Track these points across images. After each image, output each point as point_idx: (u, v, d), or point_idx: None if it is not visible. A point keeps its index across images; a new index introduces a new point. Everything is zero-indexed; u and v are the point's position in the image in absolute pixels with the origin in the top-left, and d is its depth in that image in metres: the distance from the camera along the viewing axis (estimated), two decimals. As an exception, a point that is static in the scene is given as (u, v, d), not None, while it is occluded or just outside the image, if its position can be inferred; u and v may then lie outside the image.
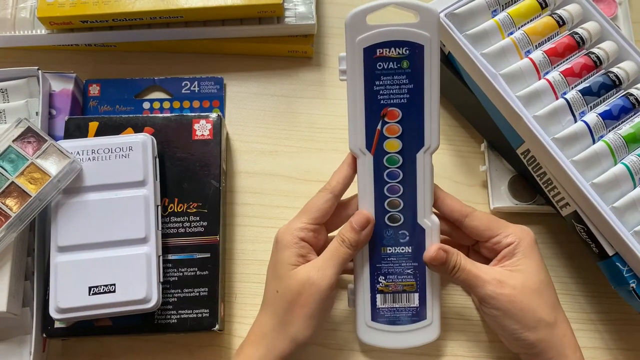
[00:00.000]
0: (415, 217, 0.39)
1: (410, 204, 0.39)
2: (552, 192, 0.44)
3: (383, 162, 0.39)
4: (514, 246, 0.40)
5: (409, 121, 0.38)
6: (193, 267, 0.45)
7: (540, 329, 0.38)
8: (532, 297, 0.38)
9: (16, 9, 0.53)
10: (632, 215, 0.41)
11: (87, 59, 0.55)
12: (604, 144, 0.42)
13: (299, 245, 0.39)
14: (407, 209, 0.39)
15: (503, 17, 0.46)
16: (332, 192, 0.40)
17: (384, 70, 0.37)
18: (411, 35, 0.37)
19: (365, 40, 0.37)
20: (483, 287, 0.38)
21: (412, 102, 0.38)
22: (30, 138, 0.43)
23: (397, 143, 0.38)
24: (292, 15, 0.53)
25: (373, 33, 0.37)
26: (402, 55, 0.37)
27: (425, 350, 0.46)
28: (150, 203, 0.43)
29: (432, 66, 0.37)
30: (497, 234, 0.40)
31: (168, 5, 0.50)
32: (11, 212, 0.41)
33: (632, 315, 0.47)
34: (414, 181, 0.39)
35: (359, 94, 0.38)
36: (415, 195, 0.39)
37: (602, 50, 0.45)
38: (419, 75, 0.37)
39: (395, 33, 0.36)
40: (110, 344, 0.46)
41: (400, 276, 0.40)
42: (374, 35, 0.37)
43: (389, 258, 0.40)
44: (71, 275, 0.42)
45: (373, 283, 0.41)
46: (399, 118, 0.38)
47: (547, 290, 0.39)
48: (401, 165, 0.39)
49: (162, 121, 0.48)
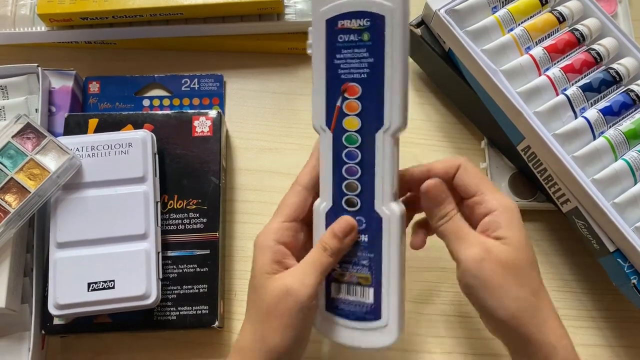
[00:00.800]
0: (373, 203, 0.36)
1: (368, 189, 0.36)
2: (553, 188, 0.44)
3: (342, 141, 0.36)
4: (497, 214, 0.36)
5: (368, 98, 0.35)
6: (193, 264, 0.45)
7: (517, 309, 0.34)
8: (509, 275, 0.34)
9: (16, 6, 0.53)
10: (633, 211, 0.40)
11: (86, 56, 0.55)
12: (604, 140, 0.42)
13: (274, 250, 0.36)
14: (365, 193, 0.36)
15: (503, 14, 0.46)
16: (301, 184, 0.37)
17: (345, 42, 0.35)
18: (372, 6, 0.34)
19: (328, 12, 0.35)
20: (469, 247, 0.35)
21: (372, 78, 0.35)
22: (29, 134, 0.43)
23: (357, 121, 0.35)
24: (292, 12, 0.53)
25: (336, 4, 0.34)
26: (362, 26, 0.34)
27: (425, 348, 0.46)
28: (150, 199, 0.43)
29: (394, 39, 0.34)
30: (482, 193, 0.36)
31: (168, 2, 0.50)
32: (10, 208, 0.41)
33: (633, 312, 0.47)
34: (372, 164, 0.35)
35: (321, 68, 0.35)
36: (374, 179, 0.35)
37: (602, 46, 0.45)
38: (380, 48, 0.34)
39: (356, 3, 0.34)
40: (110, 341, 0.46)
41: (355, 266, 0.37)
42: (337, 6, 0.34)
43: None
44: (70, 271, 0.41)
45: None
46: (358, 94, 0.35)
47: (533, 271, 0.35)
48: (360, 146, 0.35)
49: (162, 118, 0.48)
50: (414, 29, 0.49)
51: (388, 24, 0.34)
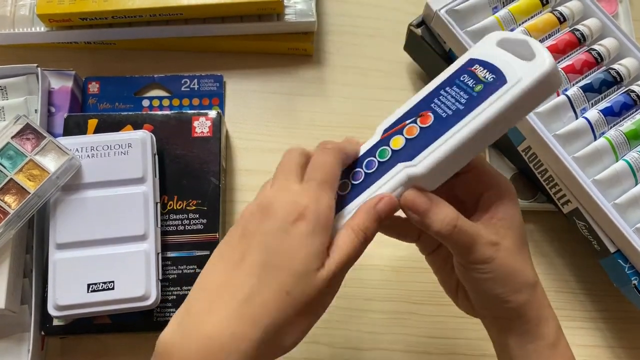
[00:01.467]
0: (342, 214, 0.33)
1: (351, 198, 0.34)
2: (554, 189, 0.44)
3: (376, 149, 0.34)
4: (495, 193, 0.34)
5: (426, 134, 0.33)
6: (192, 265, 0.44)
7: (525, 291, 0.33)
8: (519, 258, 0.33)
9: (15, 6, 0.53)
10: (634, 212, 0.40)
11: (86, 56, 0.55)
12: (605, 141, 0.42)
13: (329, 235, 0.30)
14: (346, 200, 0.34)
15: (504, 14, 0.45)
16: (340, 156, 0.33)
17: (461, 82, 0.34)
18: (506, 66, 0.32)
19: (475, 53, 0.34)
20: (480, 249, 0.32)
21: (445, 121, 0.33)
22: (29, 135, 0.43)
23: (401, 143, 0.34)
24: (292, 12, 0.53)
25: (486, 51, 0.34)
26: (484, 79, 0.33)
27: (426, 349, 0.46)
28: (150, 200, 0.43)
29: (492, 104, 0.31)
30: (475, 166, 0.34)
31: (168, 3, 0.50)
32: (10, 208, 0.41)
33: (634, 313, 0.47)
34: (373, 182, 0.34)
35: (429, 88, 0.35)
36: (359, 194, 0.33)
37: (603, 47, 0.45)
38: (475, 103, 0.32)
39: (496, 57, 0.33)
40: (109, 342, 0.46)
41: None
42: (483, 53, 0.34)
43: None
44: (70, 272, 0.41)
45: None
46: (425, 125, 0.34)
47: (526, 247, 0.34)
48: (381, 162, 0.34)
49: (162, 118, 0.48)
50: (415, 29, 0.49)
51: (502, 89, 0.32)
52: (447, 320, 0.47)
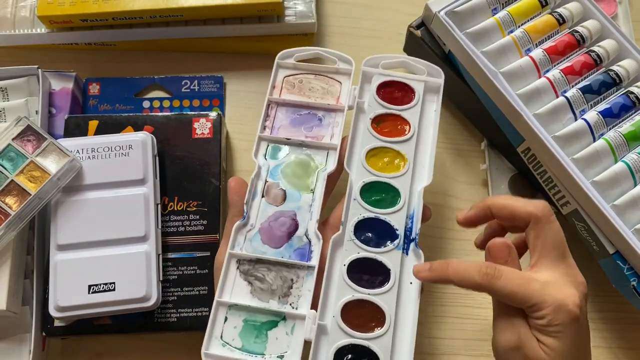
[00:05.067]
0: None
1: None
2: (553, 190, 0.44)
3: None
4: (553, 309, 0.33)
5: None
6: (193, 266, 0.45)
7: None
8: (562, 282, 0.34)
9: (16, 7, 0.53)
10: (633, 213, 0.41)
11: (87, 57, 0.55)
12: (604, 142, 0.42)
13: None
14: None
15: (503, 16, 0.46)
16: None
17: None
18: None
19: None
20: (507, 329, 0.34)
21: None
22: (30, 136, 0.43)
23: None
24: (292, 14, 0.53)
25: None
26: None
27: (426, 349, 0.46)
28: (150, 201, 0.43)
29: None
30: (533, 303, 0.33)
31: (168, 4, 0.50)
32: (11, 210, 0.41)
33: (633, 313, 0.47)
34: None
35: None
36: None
37: (603, 48, 0.45)
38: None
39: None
40: (110, 343, 0.46)
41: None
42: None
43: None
44: (71, 273, 0.41)
45: None
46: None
47: (566, 262, 0.35)
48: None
49: (162, 120, 0.48)
50: (414, 30, 0.49)
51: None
52: (447, 320, 0.47)
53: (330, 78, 0.46)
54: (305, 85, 0.46)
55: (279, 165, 0.43)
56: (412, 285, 0.38)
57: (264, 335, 0.37)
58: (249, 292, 0.38)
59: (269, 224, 0.40)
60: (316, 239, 0.39)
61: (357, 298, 0.37)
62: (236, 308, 0.38)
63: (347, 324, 0.36)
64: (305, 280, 0.38)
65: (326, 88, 0.46)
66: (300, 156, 0.43)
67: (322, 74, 0.46)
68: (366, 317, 0.37)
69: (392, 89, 0.45)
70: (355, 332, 0.36)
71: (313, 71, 0.46)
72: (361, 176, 0.41)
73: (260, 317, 0.37)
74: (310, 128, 0.44)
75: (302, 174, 0.42)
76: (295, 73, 0.46)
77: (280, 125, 0.44)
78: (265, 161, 0.43)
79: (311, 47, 0.47)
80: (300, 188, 0.42)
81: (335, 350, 0.36)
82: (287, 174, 0.42)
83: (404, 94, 0.44)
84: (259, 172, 0.42)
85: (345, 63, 0.46)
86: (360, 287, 0.37)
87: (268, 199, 0.41)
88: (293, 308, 0.37)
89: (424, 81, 0.45)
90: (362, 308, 0.37)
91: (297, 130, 0.44)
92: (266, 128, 0.44)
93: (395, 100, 0.44)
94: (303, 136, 0.44)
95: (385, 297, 0.37)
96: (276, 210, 0.41)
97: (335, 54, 0.46)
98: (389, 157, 0.42)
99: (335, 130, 0.44)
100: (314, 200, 0.41)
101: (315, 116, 0.45)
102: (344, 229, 0.39)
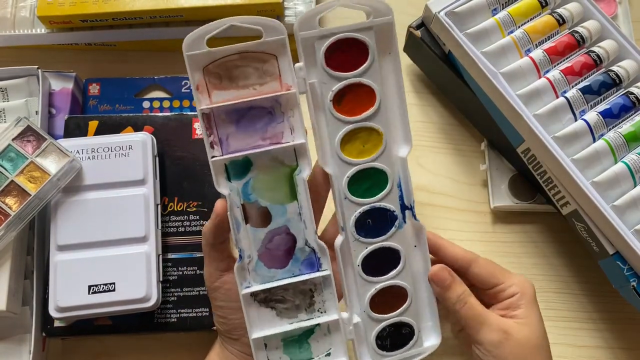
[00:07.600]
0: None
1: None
2: (553, 190, 0.44)
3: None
4: (518, 297, 0.39)
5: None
6: (193, 266, 0.45)
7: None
8: (534, 353, 0.38)
9: (16, 8, 0.53)
10: (633, 214, 0.41)
11: (86, 58, 0.55)
12: (604, 143, 0.42)
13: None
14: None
15: (503, 16, 0.46)
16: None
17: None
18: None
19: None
20: (488, 332, 0.37)
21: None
22: (29, 137, 0.43)
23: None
24: (292, 14, 0.53)
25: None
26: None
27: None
28: (150, 202, 0.43)
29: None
30: (501, 282, 0.39)
31: (168, 4, 0.50)
32: (11, 210, 0.41)
33: (633, 314, 0.47)
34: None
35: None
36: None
37: (602, 49, 0.45)
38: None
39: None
40: (110, 343, 0.46)
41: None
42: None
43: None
44: (71, 274, 0.41)
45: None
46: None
47: (546, 346, 0.39)
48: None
49: (162, 120, 0.48)
50: (414, 30, 0.49)
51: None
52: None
53: (260, 53, 0.36)
54: (234, 73, 0.36)
55: (248, 183, 0.36)
56: (416, 248, 0.39)
57: (306, 343, 0.38)
58: (275, 316, 0.38)
59: (265, 247, 0.37)
60: (319, 246, 0.37)
61: (379, 288, 0.38)
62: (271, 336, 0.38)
63: (376, 311, 0.38)
64: (323, 285, 0.38)
65: (260, 67, 0.36)
66: (265, 165, 0.36)
67: (249, 51, 0.36)
68: (392, 299, 0.39)
69: (340, 51, 0.37)
70: (386, 315, 0.38)
71: (235, 51, 0.36)
72: (342, 170, 0.37)
73: (296, 330, 0.38)
74: (263, 128, 0.36)
75: (276, 185, 0.37)
76: (213, 60, 0.36)
77: (228, 134, 0.36)
78: (231, 184, 0.36)
79: (222, 19, 0.36)
80: (281, 200, 0.37)
81: (375, 336, 0.38)
82: (259, 189, 0.36)
83: (357, 53, 0.37)
84: (231, 202, 0.36)
85: (273, 32, 0.36)
86: (378, 278, 0.38)
87: (252, 223, 0.37)
88: (322, 313, 0.38)
89: (372, 26, 0.37)
90: (386, 293, 0.38)
91: (249, 135, 0.36)
92: (214, 146, 0.36)
93: (348, 64, 0.37)
94: (259, 140, 0.36)
95: (402, 274, 0.39)
96: (266, 231, 0.37)
97: (255, 20, 0.36)
98: (364, 137, 0.37)
99: (293, 122, 0.36)
100: (301, 208, 0.37)
101: (264, 109, 0.36)
102: (345, 232, 0.38)
